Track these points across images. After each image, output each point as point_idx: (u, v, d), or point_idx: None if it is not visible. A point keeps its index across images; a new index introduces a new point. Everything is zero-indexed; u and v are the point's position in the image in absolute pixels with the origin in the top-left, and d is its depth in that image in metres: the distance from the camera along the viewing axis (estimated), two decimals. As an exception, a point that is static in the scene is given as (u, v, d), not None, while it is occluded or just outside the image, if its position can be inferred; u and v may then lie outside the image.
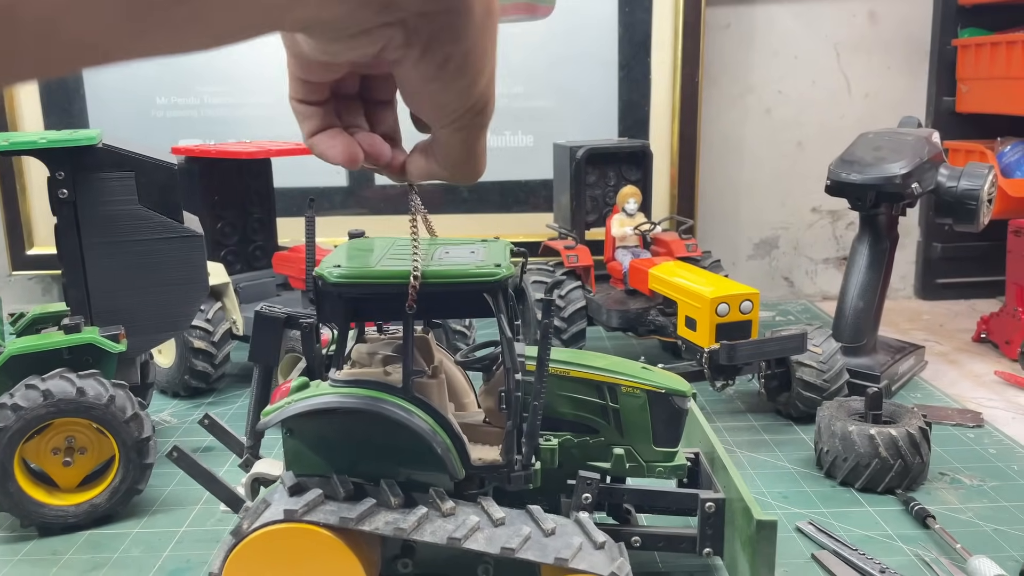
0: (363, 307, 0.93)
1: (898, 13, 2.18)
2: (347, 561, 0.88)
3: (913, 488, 1.19)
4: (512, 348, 0.89)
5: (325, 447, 0.92)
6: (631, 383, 0.99)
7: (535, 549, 0.87)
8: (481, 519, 0.89)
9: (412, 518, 0.87)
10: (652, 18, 2.09)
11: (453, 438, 0.90)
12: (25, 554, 1.08)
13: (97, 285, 1.20)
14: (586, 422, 1.00)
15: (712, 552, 0.97)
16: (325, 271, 0.88)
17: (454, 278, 0.87)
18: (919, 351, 1.68)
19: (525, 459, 0.91)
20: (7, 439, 1.07)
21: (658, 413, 0.99)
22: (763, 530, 0.87)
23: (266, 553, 0.88)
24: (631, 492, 1.01)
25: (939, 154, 1.55)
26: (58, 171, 1.16)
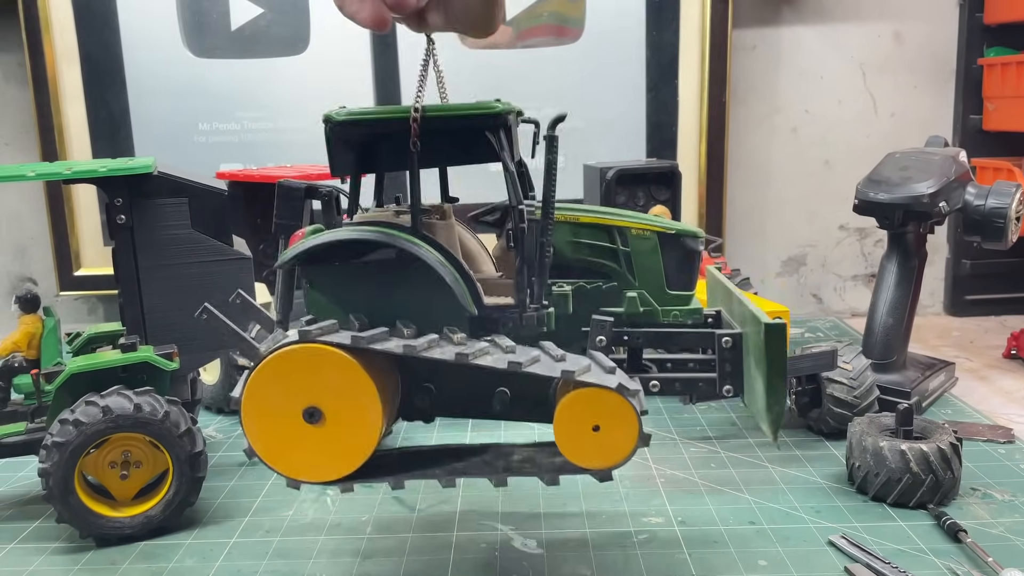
0: (372, 152, 0.94)
1: (923, 33, 2.20)
2: (361, 381, 0.89)
3: (945, 503, 1.21)
4: (515, 182, 0.90)
5: (344, 296, 0.94)
6: (641, 224, 1.01)
7: (543, 367, 0.89)
8: (490, 345, 0.91)
9: (422, 340, 0.89)
10: (679, 40, 2.14)
11: (463, 276, 0.92)
12: (84, 563, 1.13)
13: (152, 306, 1.26)
14: (598, 268, 1.01)
15: (732, 390, 0.97)
16: (332, 112, 0.91)
17: (454, 111, 0.89)
18: (949, 367, 1.70)
19: (537, 298, 0.92)
20: (69, 453, 1.12)
21: (670, 255, 1.01)
22: (771, 332, 0.87)
23: (283, 374, 0.89)
24: (646, 334, 1.00)
25: (966, 173, 1.57)
26: (116, 198, 1.22)
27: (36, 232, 2.26)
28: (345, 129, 0.91)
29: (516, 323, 0.93)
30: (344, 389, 0.90)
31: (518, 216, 0.90)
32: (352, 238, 0.92)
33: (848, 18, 2.20)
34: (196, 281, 1.27)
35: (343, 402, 0.90)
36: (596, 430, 0.89)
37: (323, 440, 0.91)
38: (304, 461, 0.92)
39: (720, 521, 1.18)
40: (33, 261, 2.29)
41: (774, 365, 0.88)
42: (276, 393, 0.90)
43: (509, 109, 0.91)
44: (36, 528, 1.22)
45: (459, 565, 1.09)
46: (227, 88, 2.15)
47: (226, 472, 1.39)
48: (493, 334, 0.94)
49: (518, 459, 0.99)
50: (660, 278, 1.01)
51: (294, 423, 0.91)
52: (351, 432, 0.91)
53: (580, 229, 1.01)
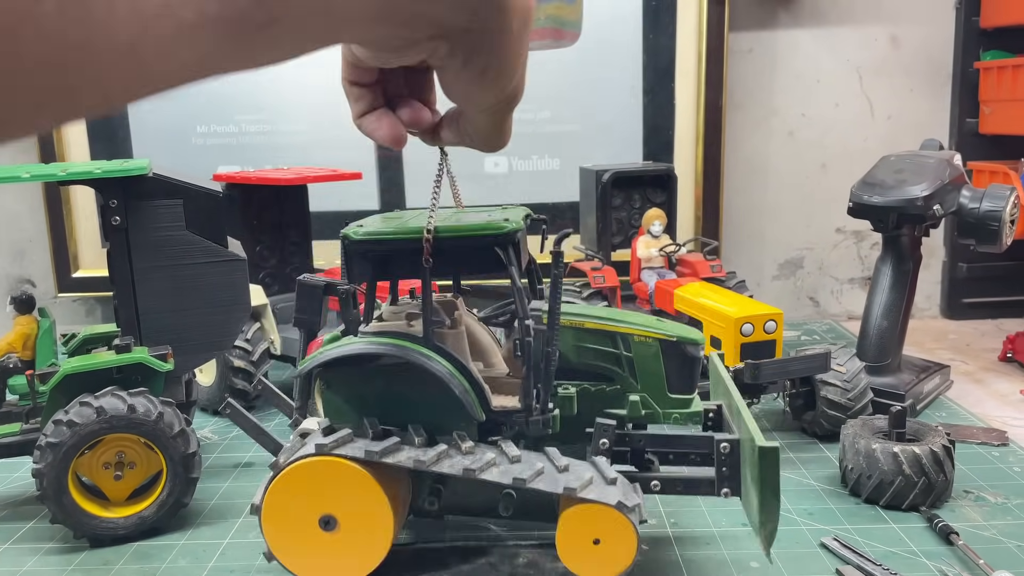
0: (386, 264, 1.00)
1: (919, 37, 2.21)
2: (373, 492, 0.96)
3: (937, 505, 1.21)
4: (522, 297, 0.95)
5: (357, 398, 1.01)
6: (643, 332, 1.04)
7: (546, 481, 0.94)
8: (497, 456, 0.96)
9: (432, 453, 0.95)
10: (676, 44, 2.14)
11: (472, 383, 0.97)
12: (78, 564, 1.13)
13: (146, 307, 1.26)
14: (602, 371, 1.05)
15: (730, 492, 1.00)
16: (350, 231, 0.97)
17: (464, 231, 0.95)
18: (944, 370, 1.70)
19: (542, 404, 0.97)
20: (62, 454, 1.12)
21: (671, 360, 1.04)
22: (765, 456, 0.89)
23: (300, 485, 0.96)
24: (648, 437, 1.04)
25: (961, 176, 1.57)
26: (111, 199, 1.22)
27: (34, 234, 2.26)
28: (361, 246, 0.97)
29: (522, 426, 0.99)
30: (358, 499, 0.96)
31: (524, 330, 0.95)
32: (367, 352, 0.98)
33: (844, 21, 2.20)
34: (191, 282, 1.27)
35: (357, 511, 0.97)
36: (596, 543, 0.95)
37: (338, 546, 0.98)
38: (320, 565, 0.99)
39: (713, 523, 1.18)
40: (31, 263, 2.29)
41: (767, 485, 0.90)
42: (293, 501, 0.97)
43: (518, 228, 0.95)
44: (30, 529, 1.23)
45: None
46: (225, 90, 2.16)
47: (220, 473, 1.39)
48: (500, 437, 1.00)
49: (523, 563, 1.05)
50: (661, 382, 1.05)
51: (311, 530, 0.98)
52: (365, 539, 0.98)
53: (585, 335, 1.05)
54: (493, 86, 0.46)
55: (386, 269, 1.01)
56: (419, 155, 2.17)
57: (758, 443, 0.90)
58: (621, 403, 1.05)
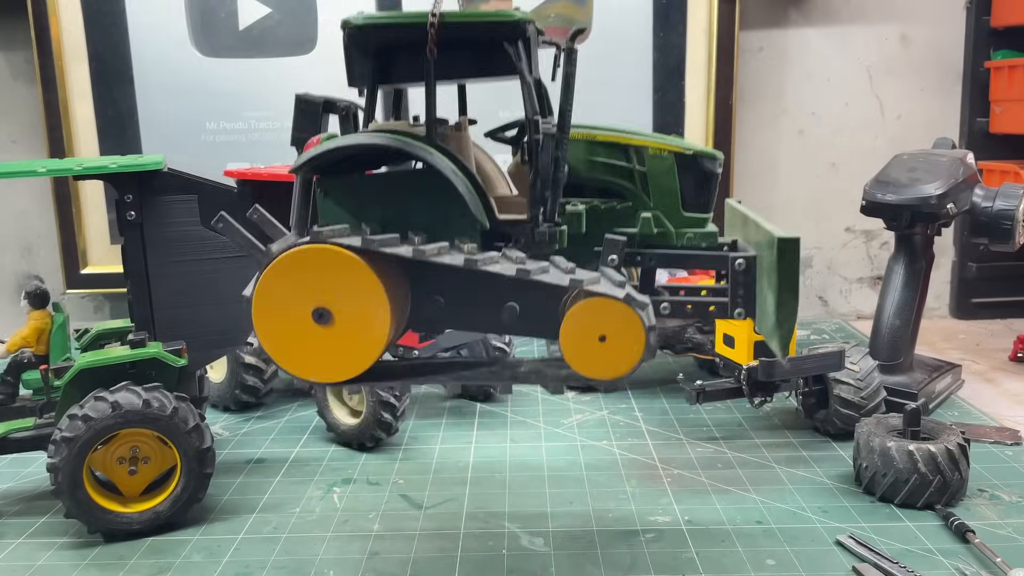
0: (388, 63, 0.94)
1: (930, 36, 2.21)
2: (370, 283, 0.89)
3: (952, 504, 1.21)
4: (531, 94, 0.90)
5: (357, 206, 0.94)
6: (659, 144, 0.99)
7: (552, 276, 0.88)
8: (501, 257, 0.91)
9: (433, 246, 0.90)
10: (686, 42, 2.14)
11: (476, 188, 0.92)
12: (92, 559, 1.13)
13: (160, 302, 1.26)
14: (613, 187, 0.99)
15: (744, 313, 0.96)
16: (351, 16, 0.90)
17: (472, 17, 0.89)
18: (956, 370, 1.69)
19: (549, 213, 0.92)
20: (77, 448, 1.12)
21: (687, 176, 0.98)
22: (785, 247, 0.86)
23: (293, 274, 0.90)
24: (659, 255, 0.99)
25: (974, 175, 1.57)
26: (126, 194, 1.22)
27: (43, 230, 2.26)
28: (363, 34, 0.91)
29: (528, 239, 0.93)
30: (353, 290, 0.90)
31: (533, 127, 0.89)
32: (365, 143, 0.92)
33: (855, 20, 2.20)
34: (205, 278, 1.27)
35: (352, 303, 0.90)
36: (602, 340, 0.88)
37: (332, 340, 0.91)
38: (313, 361, 0.92)
39: (727, 520, 1.18)
40: (40, 259, 2.29)
41: (786, 280, 0.86)
42: (286, 293, 0.91)
43: (528, 18, 0.90)
44: (44, 523, 1.23)
45: (466, 562, 1.09)
46: (234, 87, 2.16)
47: (233, 469, 1.39)
48: (504, 248, 0.94)
49: (525, 370, 0.99)
50: (676, 199, 0.98)
51: (304, 323, 0.91)
52: (360, 333, 0.91)
53: (596, 147, 0.99)
54: None
55: (388, 69, 0.94)
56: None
57: (777, 235, 0.87)
58: (632, 222, 0.98)
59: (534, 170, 0.91)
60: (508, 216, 0.94)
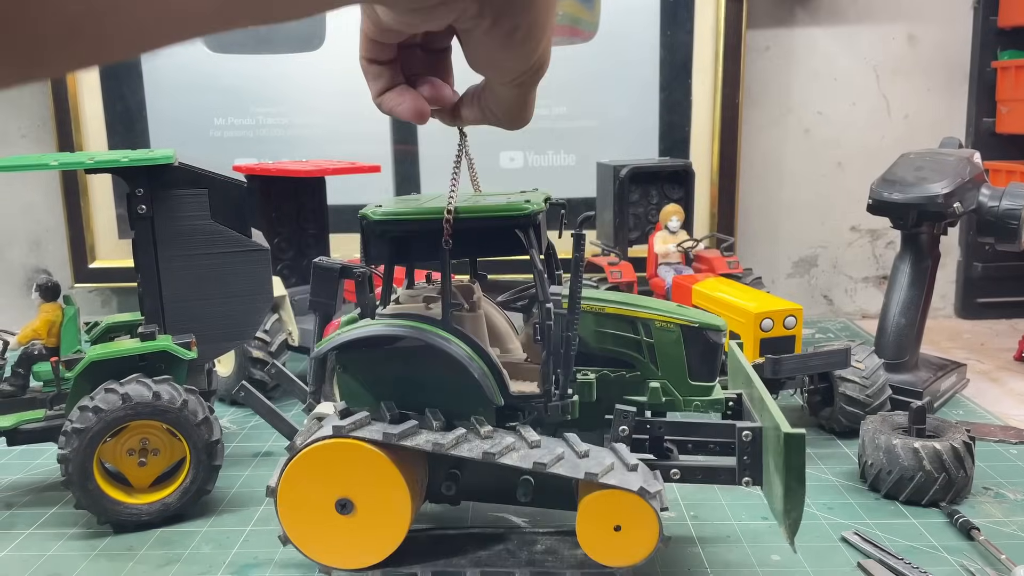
0: (405, 246, 0.99)
1: (937, 36, 2.21)
2: (391, 475, 0.94)
3: (957, 502, 1.21)
4: (543, 280, 0.94)
5: (373, 381, 0.99)
6: (665, 317, 1.03)
7: (567, 466, 0.92)
8: (517, 441, 0.95)
9: (451, 436, 0.94)
10: (694, 41, 2.14)
11: (491, 367, 0.96)
12: (102, 549, 1.14)
13: (171, 295, 1.27)
14: (622, 357, 1.04)
15: (751, 481, 0.99)
16: (368, 211, 0.95)
17: (485, 212, 0.94)
18: (961, 369, 1.70)
19: (561, 389, 0.96)
20: (88, 439, 1.13)
21: (693, 347, 1.03)
22: (791, 442, 0.89)
23: (317, 467, 0.95)
24: (668, 424, 1.03)
25: (980, 174, 1.57)
26: (137, 188, 1.23)
27: (51, 224, 2.27)
28: (380, 227, 0.96)
29: (541, 412, 0.97)
30: (375, 482, 0.95)
31: (545, 314, 0.94)
32: (384, 334, 0.97)
33: (862, 20, 2.20)
34: (215, 271, 1.28)
35: (374, 495, 0.96)
36: (617, 530, 0.94)
37: (354, 530, 0.97)
38: (336, 549, 0.98)
39: (733, 517, 1.19)
40: (48, 253, 2.30)
41: (793, 472, 0.89)
42: (310, 484, 0.96)
43: (539, 209, 0.94)
44: (54, 514, 1.24)
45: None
46: (243, 83, 2.17)
47: (241, 462, 1.40)
48: (518, 423, 0.98)
49: (541, 550, 1.03)
50: (682, 369, 1.03)
51: (327, 513, 0.96)
52: (381, 523, 0.96)
53: (605, 319, 1.04)
54: (520, 50, 0.44)
55: (405, 251, 1.00)
56: (435, 149, 2.19)
57: (784, 429, 0.90)
58: (641, 390, 1.03)
59: (546, 350, 0.95)
60: (521, 389, 0.99)
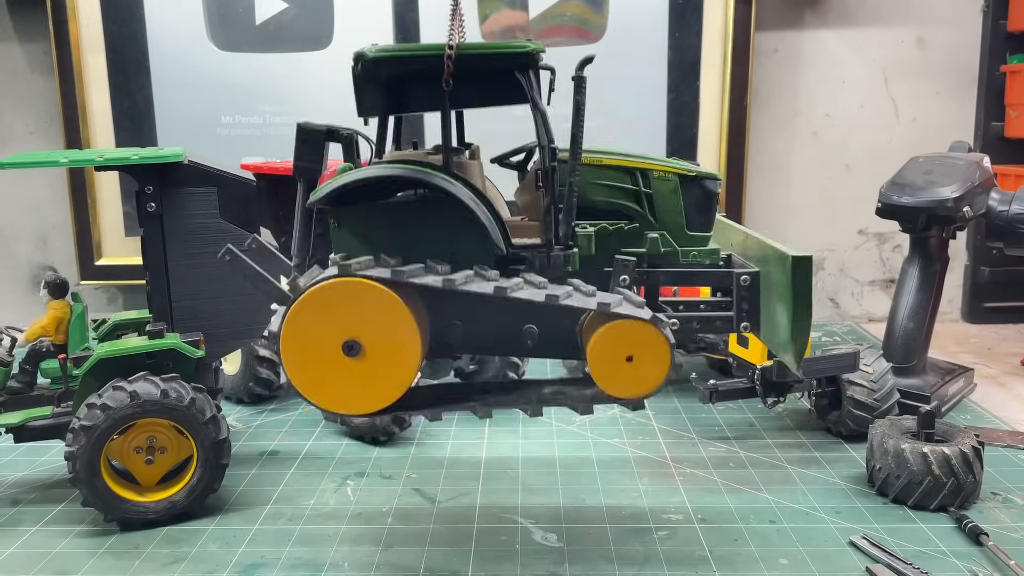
0: (402, 92, 0.96)
1: (946, 39, 2.20)
2: (400, 314, 0.91)
3: (965, 507, 1.21)
4: (546, 122, 0.93)
5: (371, 234, 0.96)
6: (663, 167, 1.02)
7: (577, 299, 0.92)
8: (524, 283, 0.94)
9: (460, 275, 0.92)
10: (702, 43, 2.14)
11: (494, 215, 0.94)
12: (109, 547, 1.14)
13: (179, 293, 1.27)
14: (621, 209, 1.02)
15: (749, 326, 1.00)
16: (364, 49, 0.91)
17: (487, 48, 0.92)
18: (968, 373, 1.69)
19: (564, 238, 0.95)
20: (96, 437, 1.13)
21: (690, 197, 1.02)
22: (798, 266, 0.88)
23: (323, 308, 0.90)
24: (667, 273, 1.02)
25: (990, 178, 1.57)
26: (147, 186, 1.23)
27: (58, 221, 2.27)
28: (377, 67, 0.92)
29: (543, 263, 0.96)
30: (383, 323, 0.91)
31: (549, 155, 0.92)
32: (387, 175, 0.93)
33: (871, 23, 2.20)
34: (223, 270, 1.26)
35: (382, 335, 0.91)
36: (630, 360, 0.92)
37: (362, 373, 0.92)
38: (342, 394, 0.93)
39: (740, 519, 1.18)
40: (54, 250, 2.30)
41: (800, 297, 0.89)
42: (315, 327, 0.91)
43: (540, 48, 0.92)
44: (60, 511, 1.24)
45: (480, 556, 1.10)
46: (250, 81, 2.17)
47: (247, 461, 1.40)
48: (521, 272, 0.96)
49: (550, 392, 1.02)
50: (680, 219, 1.02)
51: (333, 356, 0.91)
52: (390, 365, 0.92)
53: (604, 171, 1.02)
54: None
55: (400, 99, 0.96)
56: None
57: (790, 253, 0.89)
58: (639, 242, 1.02)
59: (549, 196, 0.94)
60: (523, 241, 0.97)
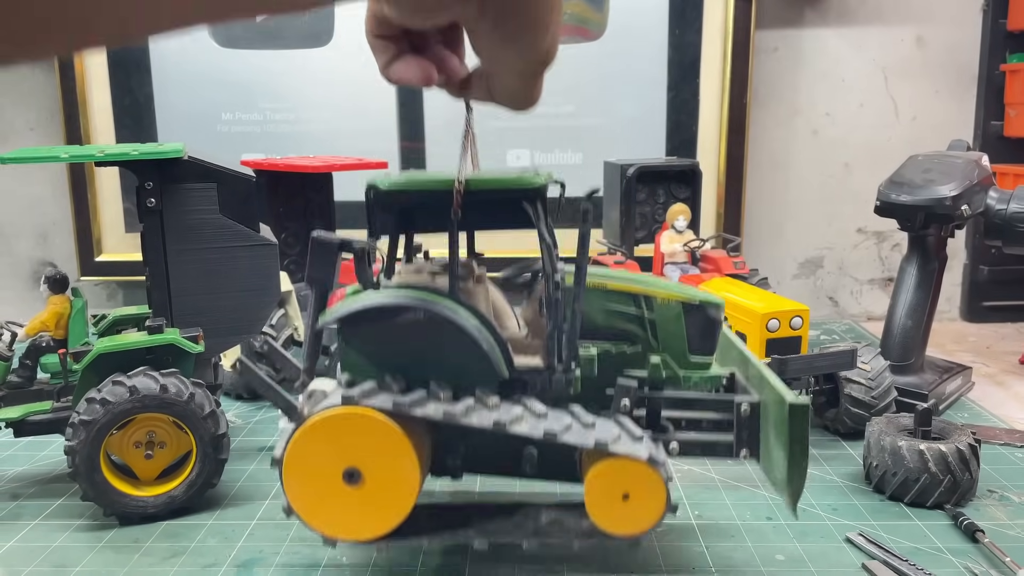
0: (412, 217, 0.99)
1: (946, 38, 2.20)
2: (400, 445, 0.93)
3: (962, 504, 1.21)
4: (552, 253, 0.95)
5: (377, 352, 0.98)
6: (666, 293, 1.04)
7: (576, 435, 0.93)
8: (524, 411, 0.95)
9: (461, 406, 0.93)
10: (702, 41, 2.14)
11: (497, 341, 0.96)
12: (108, 541, 1.14)
13: (178, 289, 1.27)
14: (623, 333, 1.04)
15: (749, 454, 1.00)
16: (377, 181, 0.94)
17: (495, 184, 0.93)
18: (966, 371, 1.70)
19: (566, 363, 0.96)
20: (95, 431, 1.14)
21: (693, 323, 1.03)
22: (796, 413, 0.89)
23: (325, 438, 0.93)
24: (668, 399, 1.04)
25: (988, 177, 1.57)
26: (147, 181, 1.23)
27: (58, 217, 2.28)
28: (389, 197, 0.95)
29: (545, 384, 0.98)
30: (384, 452, 0.93)
31: (553, 286, 0.94)
32: (394, 304, 0.96)
33: (871, 21, 2.20)
34: (223, 266, 1.28)
35: (383, 465, 0.94)
36: (626, 498, 0.94)
37: (361, 501, 0.95)
38: (342, 520, 0.96)
39: (737, 516, 1.19)
40: (54, 246, 2.31)
41: (797, 443, 0.91)
42: (317, 455, 0.94)
43: (547, 182, 0.94)
44: (60, 505, 1.24)
45: (477, 553, 1.10)
46: (251, 78, 2.17)
47: (246, 456, 1.40)
48: (523, 395, 0.98)
49: (547, 521, 1.03)
50: (683, 344, 1.04)
51: (334, 484, 0.94)
52: (389, 493, 0.95)
53: (607, 295, 1.04)
54: (524, 48, 0.44)
55: (411, 222, 0.99)
56: (441, 147, 2.19)
57: (788, 400, 0.90)
58: (640, 364, 1.03)
59: (553, 323, 0.95)
60: (525, 363, 0.99)
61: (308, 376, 1.07)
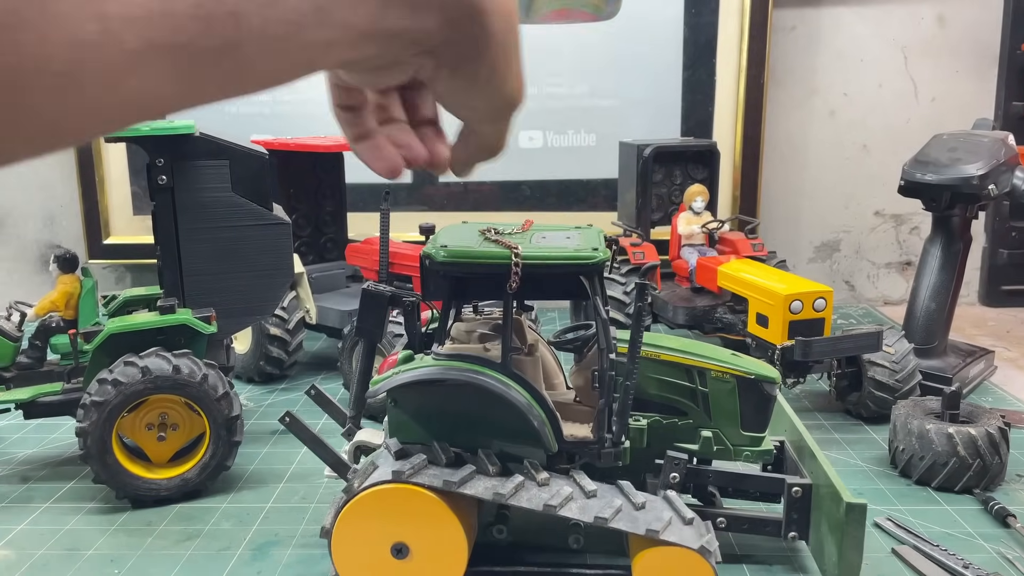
0: (466, 286, 0.98)
1: (967, 17, 2.16)
2: (449, 522, 0.93)
3: (990, 488, 1.19)
4: (607, 328, 0.93)
5: (426, 417, 0.97)
6: (721, 368, 1.01)
7: (626, 520, 0.91)
8: (574, 490, 0.93)
9: (510, 485, 0.92)
10: (718, 20, 2.10)
11: (548, 413, 0.94)
12: (121, 524, 1.13)
13: (190, 268, 1.25)
14: (675, 404, 1.02)
15: (797, 536, 0.99)
16: (432, 251, 0.93)
17: (554, 260, 0.91)
18: (989, 355, 1.67)
19: (616, 437, 0.95)
20: (107, 413, 1.12)
21: (747, 398, 1.01)
22: (852, 513, 0.89)
23: (374, 511, 0.93)
24: (717, 474, 1.02)
25: (1015, 156, 1.54)
26: (158, 158, 1.20)
27: (66, 200, 2.25)
28: (444, 267, 0.94)
29: (593, 458, 0.96)
30: (432, 528, 0.93)
31: (607, 363, 0.92)
32: (442, 378, 0.94)
33: (890, 0, 2.16)
34: (235, 245, 1.25)
35: (430, 540, 0.93)
36: None
37: (409, 575, 0.94)
38: None
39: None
40: (62, 229, 2.29)
41: (852, 542, 0.90)
42: (366, 528, 0.94)
43: (605, 258, 0.92)
44: (71, 488, 1.22)
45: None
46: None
47: (259, 439, 1.38)
48: (571, 466, 0.97)
49: None
50: (735, 419, 1.02)
51: (382, 557, 0.94)
52: (436, 569, 0.94)
53: (659, 366, 1.02)
54: (486, 91, 0.44)
55: (465, 290, 0.99)
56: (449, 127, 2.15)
57: (846, 499, 0.89)
58: (691, 437, 1.02)
59: (604, 398, 0.93)
60: (574, 434, 0.97)
61: (355, 424, 1.07)
